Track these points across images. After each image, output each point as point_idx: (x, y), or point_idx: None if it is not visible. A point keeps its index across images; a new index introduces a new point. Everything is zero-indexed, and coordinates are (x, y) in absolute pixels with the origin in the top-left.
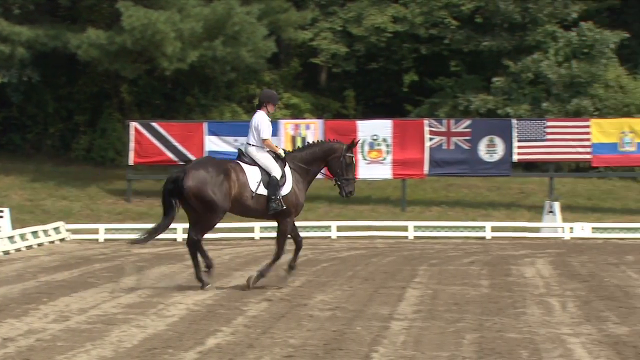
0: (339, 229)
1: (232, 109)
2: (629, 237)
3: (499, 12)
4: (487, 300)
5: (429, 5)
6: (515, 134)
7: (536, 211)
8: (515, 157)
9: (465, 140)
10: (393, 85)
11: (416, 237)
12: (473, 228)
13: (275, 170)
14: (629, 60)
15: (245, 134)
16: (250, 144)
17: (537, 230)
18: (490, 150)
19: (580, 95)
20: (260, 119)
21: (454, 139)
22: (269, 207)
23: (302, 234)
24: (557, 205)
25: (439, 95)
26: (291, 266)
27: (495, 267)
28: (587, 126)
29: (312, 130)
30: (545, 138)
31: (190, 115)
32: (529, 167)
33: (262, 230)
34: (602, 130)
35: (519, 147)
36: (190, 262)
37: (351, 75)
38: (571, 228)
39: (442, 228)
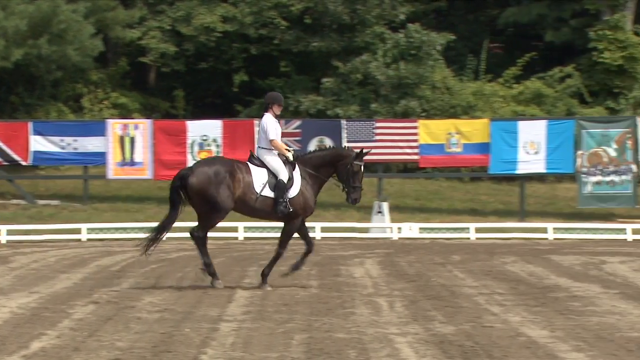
0: None
1: (59, 109)
2: (455, 237)
3: (328, 13)
4: (317, 300)
5: (259, 6)
6: (344, 134)
7: (365, 212)
8: None
9: (295, 140)
10: (223, 85)
11: (246, 238)
12: None
13: (283, 173)
14: (455, 62)
15: (71, 133)
16: (260, 147)
17: (366, 230)
18: None
19: (408, 96)
20: (267, 121)
21: (284, 139)
22: (277, 209)
23: (130, 235)
24: (385, 206)
25: None
26: (296, 266)
27: (324, 268)
28: (415, 127)
29: (141, 130)
30: (374, 139)
31: (15, 115)
32: None
33: (90, 231)
34: (429, 132)
35: None
36: (13, 266)
37: (180, 74)
38: (399, 228)
39: (272, 229)
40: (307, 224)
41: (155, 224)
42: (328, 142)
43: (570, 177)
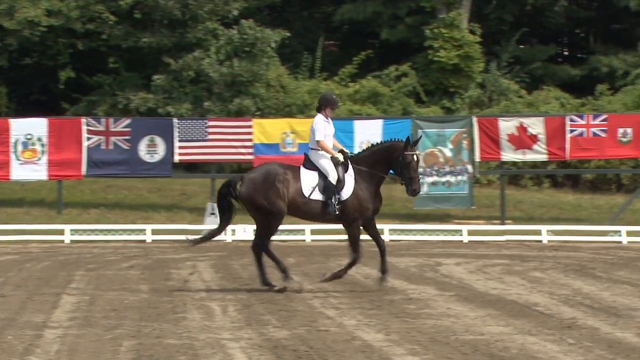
0: None
1: None
2: (290, 239)
3: (159, 7)
4: (147, 305)
5: None
6: (176, 133)
7: (198, 213)
8: (176, 158)
9: (124, 140)
10: (49, 81)
11: (73, 241)
12: (133, 231)
13: (332, 174)
14: (290, 59)
15: None
16: (311, 148)
17: (198, 233)
18: (151, 150)
19: (242, 94)
20: (317, 122)
21: (113, 138)
22: (326, 211)
23: None
24: None
25: (97, 93)
26: (383, 270)
27: (155, 271)
28: (249, 126)
29: None
30: (207, 138)
31: None
32: (191, 167)
33: None
34: (263, 131)
35: (181, 148)
36: None
37: (3, 70)
38: (233, 230)
39: (101, 231)
40: (137, 227)
41: None
42: (159, 141)
43: None
